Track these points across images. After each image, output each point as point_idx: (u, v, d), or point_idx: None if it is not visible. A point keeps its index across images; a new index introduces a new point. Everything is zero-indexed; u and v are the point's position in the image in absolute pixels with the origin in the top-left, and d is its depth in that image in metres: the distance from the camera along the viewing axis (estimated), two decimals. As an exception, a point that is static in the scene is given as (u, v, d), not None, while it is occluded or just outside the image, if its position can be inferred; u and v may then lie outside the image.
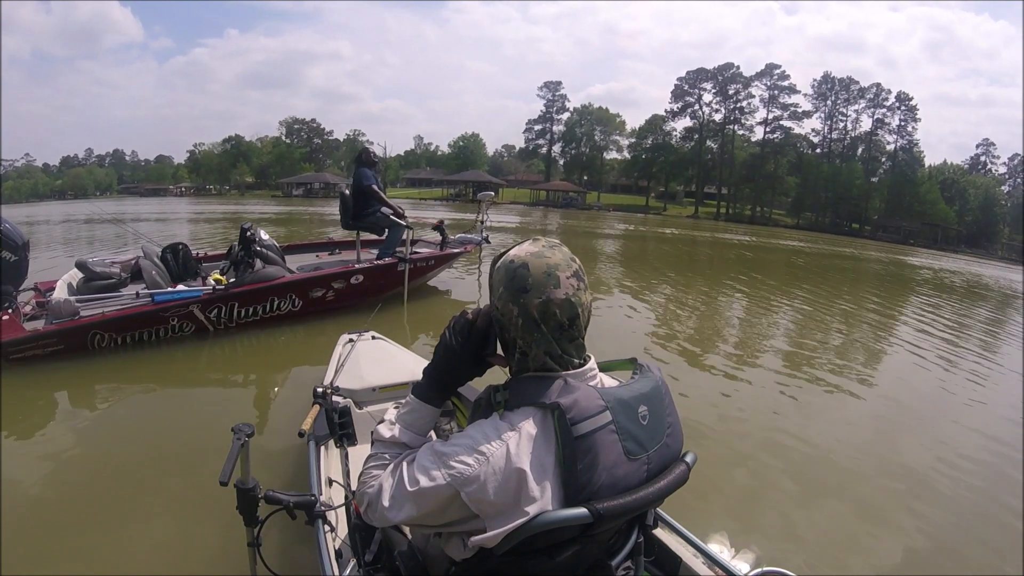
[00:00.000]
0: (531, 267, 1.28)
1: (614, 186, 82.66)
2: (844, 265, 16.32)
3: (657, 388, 1.35)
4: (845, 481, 4.26)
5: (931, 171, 69.43)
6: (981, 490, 4.30)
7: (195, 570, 2.80)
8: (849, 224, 68.31)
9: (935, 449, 4.94)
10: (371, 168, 8.17)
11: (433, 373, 1.45)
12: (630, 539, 1.43)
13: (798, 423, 5.28)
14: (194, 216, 27.35)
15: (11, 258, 5.64)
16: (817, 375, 6.75)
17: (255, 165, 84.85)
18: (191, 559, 2.88)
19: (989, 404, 6.42)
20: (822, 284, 14.78)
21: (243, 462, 1.81)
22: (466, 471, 1.17)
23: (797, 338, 8.85)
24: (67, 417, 4.77)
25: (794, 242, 33.38)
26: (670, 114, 75.48)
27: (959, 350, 9.02)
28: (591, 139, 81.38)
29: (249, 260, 6.72)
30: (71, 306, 5.72)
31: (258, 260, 6.78)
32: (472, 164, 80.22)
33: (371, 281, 7.69)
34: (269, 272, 6.82)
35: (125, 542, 3.06)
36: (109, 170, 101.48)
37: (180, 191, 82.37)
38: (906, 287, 16.67)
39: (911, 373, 7.47)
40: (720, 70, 72.64)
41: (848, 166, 68.39)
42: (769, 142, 72.13)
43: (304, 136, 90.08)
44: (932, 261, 32.81)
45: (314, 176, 74.43)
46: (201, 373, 5.87)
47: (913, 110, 68.32)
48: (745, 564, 2.85)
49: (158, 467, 3.85)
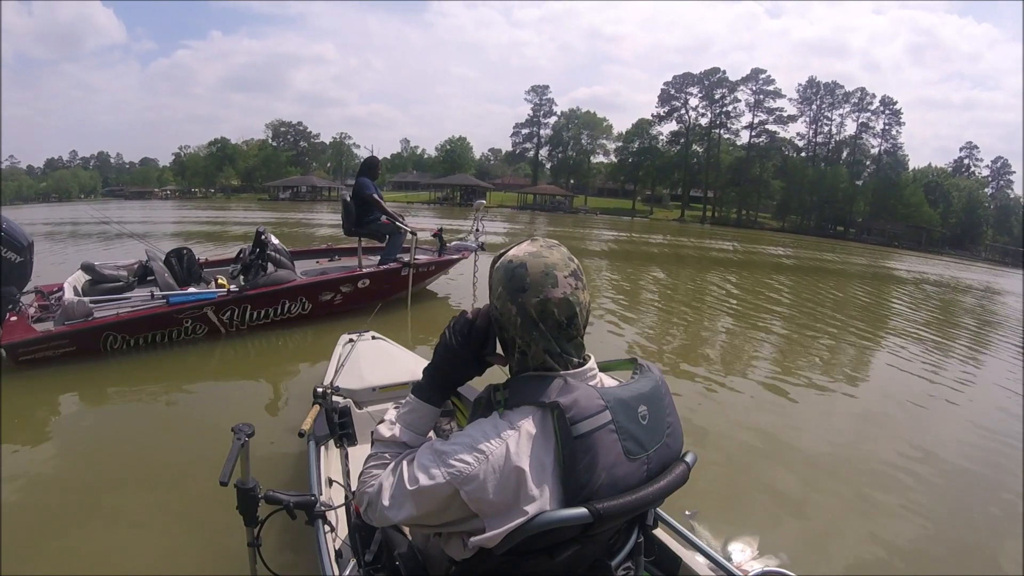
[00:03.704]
0: (529, 266, 1.28)
1: (601, 190, 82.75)
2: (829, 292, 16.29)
3: (657, 388, 1.36)
4: (844, 480, 4.30)
5: (915, 174, 70.14)
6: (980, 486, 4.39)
7: (195, 570, 2.79)
8: (834, 227, 68.89)
9: (934, 446, 5.03)
10: (372, 177, 8.27)
11: (433, 372, 1.46)
12: (630, 539, 1.43)
13: (798, 423, 5.36)
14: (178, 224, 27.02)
15: (15, 259, 5.55)
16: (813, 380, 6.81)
17: (241, 168, 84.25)
18: (191, 559, 2.88)
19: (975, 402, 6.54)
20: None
21: (243, 462, 1.81)
22: (466, 469, 1.17)
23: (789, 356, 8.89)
24: (71, 418, 4.78)
25: (780, 248, 33.44)
26: (657, 118, 75.96)
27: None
28: (578, 143, 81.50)
29: (262, 264, 6.78)
30: (85, 307, 5.70)
31: (270, 264, 6.84)
32: (459, 168, 79.86)
33: (377, 285, 7.82)
34: (281, 275, 6.91)
35: (125, 542, 3.06)
36: (94, 172, 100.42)
37: (165, 194, 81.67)
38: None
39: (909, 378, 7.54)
40: (706, 75, 73.07)
41: (833, 170, 68.96)
42: (755, 146, 72.52)
43: (290, 139, 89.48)
44: (918, 266, 32.83)
45: (301, 179, 74.09)
46: (206, 374, 5.85)
47: (897, 114, 69.17)
48: (745, 564, 2.88)
49: (158, 467, 3.84)
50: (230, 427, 1.80)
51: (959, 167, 73.13)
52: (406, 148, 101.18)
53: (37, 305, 6.10)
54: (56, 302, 6.09)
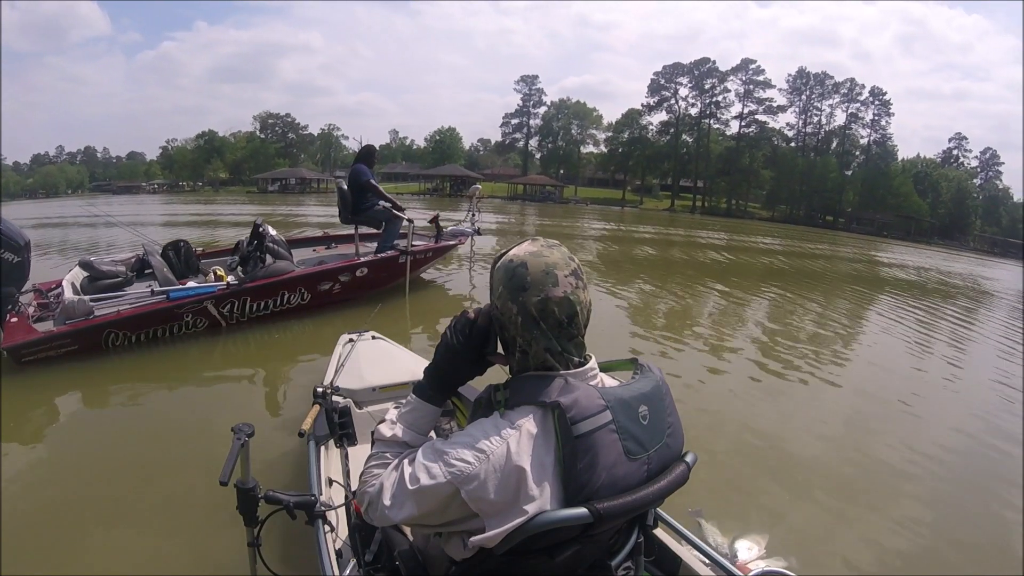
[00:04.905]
0: (529, 266, 1.29)
1: (591, 180, 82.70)
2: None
3: (658, 388, 1.36)
4: (843, 477, 4.32)
5: (904, 164, 70.48)
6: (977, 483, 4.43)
7: (195, 570, 2.79)
8: (823, 216, 69.07)
9: (930, 443, 5.04)
10: (369, 165, 8.29)
11: (434, 372, 1.46)
12: (630, 539, 1.44)
13: (797, 423, 5.35)
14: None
15: (13, 259, 5.51)
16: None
17: (229, 161, 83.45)
18: (191, 559, 2.88)
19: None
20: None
21: (243, 462, 1.81)
22: (466, 469, 1.18)
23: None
24: (72, 417, 4.76)
25: (770, 239, 33.49)
26: (646, 108, 75.99)
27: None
28: (568, 133, 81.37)
29: (260, 255, 6.80)
30: (85, 305, 5.66)
31: (268, 255, 6.84)
32: (449, 158, 79.68)
33: (375, 273, 7.83)
34: (280, 267, 6.91)
35: (125, 542, 3.05)
36: (81, 168, 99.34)
37: (153, 188, 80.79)
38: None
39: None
40: (696, 65, 73.16)
41: (822, 160, 69.32)
42: (744, 136, 72.72)
43: (279, 131, 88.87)
44: (907, 256, 32.97)
45: (289, 172, 73.53)
46: (207, 371, 5.84)
47: (887, 105, 69.47)
48: (747, 563, 2.89)
49: (159, 467, 3.83)
50: (230, 427, 1.80)
51: (948, 158, 73.53)
52: (395, 139, 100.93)
53: (36, 304, 6.06)
54: (55, 300, 6.06)
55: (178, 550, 2.97)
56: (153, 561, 2.88)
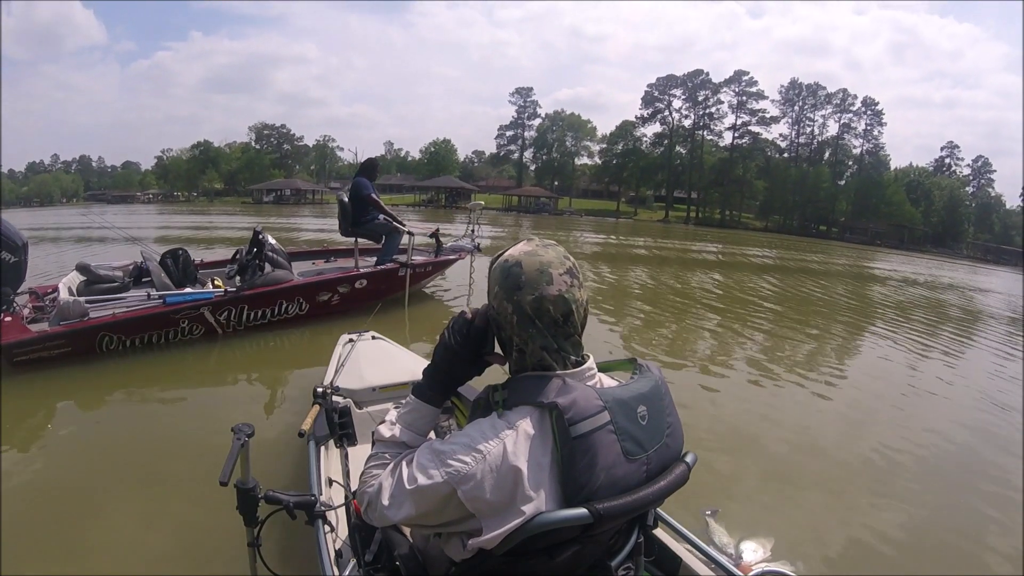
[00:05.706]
0: (524, 265, 1.29)
1: (585, 191, 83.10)
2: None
3: (657, 388, 1.36)
4: (842, 478, 4.35)
5: (897, 173, 71.18)
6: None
7: (195, 570, 2.79)
8: (817, 226, 69.46)
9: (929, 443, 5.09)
10: (371, 178, 8.30)
11: (433, 373, 1.46)
12: (630, 539, 1.43)
13: (794, 423, 5.40)
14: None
15: (10, 259, 5.53)
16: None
17: (224, 171, 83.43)
18: (191, 559, 2.88)
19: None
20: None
21: (243, 462, 1.80)
22: (463, 468, 1.18)
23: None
24: (68, 419, 4.76)
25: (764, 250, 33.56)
26: (640, 120, 76.40)
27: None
28: (562, 145, 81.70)
29: (259, 264, 6.77)
30: (80, 307, 5.64)
31: (267, 264, 6.82)
32: (443, 170, 79.59)
33: (374, 285, 7.82)
34: (279, 275, 6.90)
35: (125, 542, 3.05)
36: (75, 176, 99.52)
37: (148, 198, 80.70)
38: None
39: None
40: (689, 76, 73.62)
41: (815, 170, 69.75)
42: (737, 147, 73.14)
43: (274, 142, 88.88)
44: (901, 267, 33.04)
45: (284, 183, 73.39)
46: (204, 375, 5.84)
47: (879, 115, 70.16)
48: (749, 564, 2.90)
49: (158, 468, 3.84)
50: (230, 427, 1.79)
51: (940, 166, 74.20)
52: (390, 151, 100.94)
53: (31, 306, 6.05)
54: (51, 303, 6.02)
55: (178, 550, 2.97)
56: (153, 561, 2.87)
